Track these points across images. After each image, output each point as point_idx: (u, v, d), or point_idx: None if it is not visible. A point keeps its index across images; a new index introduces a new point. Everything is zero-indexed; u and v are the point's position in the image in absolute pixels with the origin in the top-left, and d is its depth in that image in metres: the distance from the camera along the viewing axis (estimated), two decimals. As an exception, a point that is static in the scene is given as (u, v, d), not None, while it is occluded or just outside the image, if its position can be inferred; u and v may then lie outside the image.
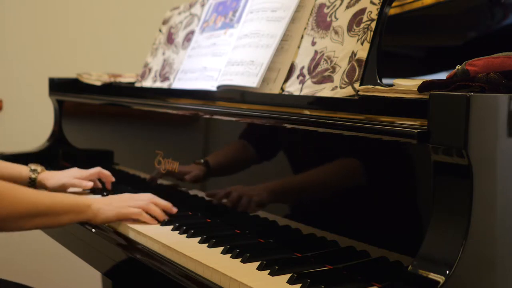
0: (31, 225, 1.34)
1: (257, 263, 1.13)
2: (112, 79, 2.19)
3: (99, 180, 1.81)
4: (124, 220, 1.45)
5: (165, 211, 1.49)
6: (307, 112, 1.26)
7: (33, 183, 1.75)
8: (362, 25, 1.28)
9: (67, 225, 1.42)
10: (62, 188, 1.74)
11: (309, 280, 1.02)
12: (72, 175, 1.76)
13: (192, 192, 1.58)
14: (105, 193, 1.73)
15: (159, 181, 1.72)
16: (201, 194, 1.54)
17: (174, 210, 1.51)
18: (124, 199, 1.49)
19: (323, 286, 1.00)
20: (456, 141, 0.91)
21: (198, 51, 1.81)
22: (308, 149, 1.28)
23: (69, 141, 2.29)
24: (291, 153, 1.32)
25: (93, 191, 1.77)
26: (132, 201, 1.48)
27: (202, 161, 1.53)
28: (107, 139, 2.09)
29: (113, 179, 1.80)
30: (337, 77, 1.29)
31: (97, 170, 1.79)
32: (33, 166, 1.78)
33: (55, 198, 1.39)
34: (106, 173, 1.80)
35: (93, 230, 1.48)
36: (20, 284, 1.55)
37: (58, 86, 2.34)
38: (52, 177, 1.76)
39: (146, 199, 1.49)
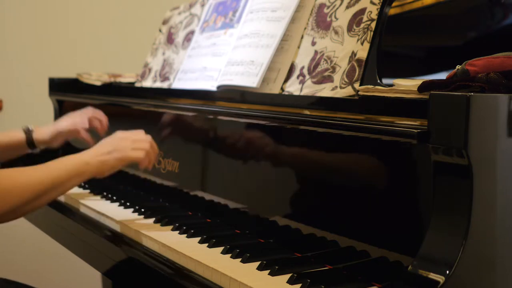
0: (41, 203, 1.31)
1: (257, 263, 1.13)
2: (112, 79, 2.19)
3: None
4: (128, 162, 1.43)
5: None
6: (307, 112, 1.26)
7: (31, 144, 1.78)
8: (362, 25, 1.28)
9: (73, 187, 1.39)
10: (59, 135, 1.79)
11: (309, 280, 1.02)
12: (66, 122, 1.80)
13: (192, 192, 1.58)
14: (109, 195, 1.72)
15: (160, 181, 1.72)
16: (201, 194, 1.54)
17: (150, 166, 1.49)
18: (121, 141, 1.42)
19: (323, 286, 1.00)
20: (456, 141, 0.91)
21: (198, 51, 1.81)
22: (308, 149, 1.28)
23: (69, 141, 2.29)
24: (291, 153, 1.32)
25: None
26: (130, 143, 1.42)
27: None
28: (107, 139, 2.09)
29: (106, 127, 1.82)
30: (337, 77, 1.29)
31: (89, 110, 1.83)
32: (23, 127, 1.80)
33: (53, 170, 1.34)
34: (99, 112, 1.82)
35: (94, 232, 1.48)
36: (20, 284, 1.55)
37: (58, 86, 2.34)
38: (48, 126, 1.80)
39: (147, 140, 1.45)
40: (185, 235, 1.34)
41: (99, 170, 1.38)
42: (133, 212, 1.55)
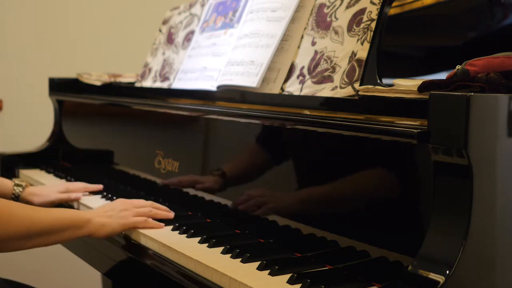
0: (31, 244, 1.28)
1: (257, 263, 1.13)
2: (112, 79, 2.19)
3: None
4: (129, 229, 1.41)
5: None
6: (307, 112, 1.26)
7: (16, 199, 1.68)
8: (362, 25, 1.28)
9: (65, 241, 1.36)
10: (50, 205, 1.68)
11: (309, 280, 1.02)
12: (58, 190, 1.70)
13: (192, 192, 1.58)
14: (109, 195, 1.71)
15: (160, 181, 1.72)
16: (201, 194, 1.54)
17: (172, 214, 1.46)
18: (124, 207, 1.42)
19: (323, 286, 1.00)
20: (456, 141, 0.91)
21: (198, 51, 1.81)
22: (307, 149, 1.28)
23: (69, 141, 2.29)
24: (291, 153, 1.32)
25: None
26: (133, 208, 1.42)
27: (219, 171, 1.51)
28: (107, 139, 2.09)
29: (101, 188, 1.77)
30: (337, 77, 1.29)
31: (83, 185, 1.76)
32: (17, 181, 1.71)
33: (54, 215, 1.31)
34: (93, 187, 1.76)
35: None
36: (20, 284, 1.55)
37: (58, 86, 2.34)
38: (40, 194, 1.69)
39: (147, 205, 1.45)
40: (185, 235, 1.34)
41: (98, 230, 1.35)
42: (133, 212, 1.55)
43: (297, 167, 1.30)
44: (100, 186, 1.77)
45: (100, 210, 1.41)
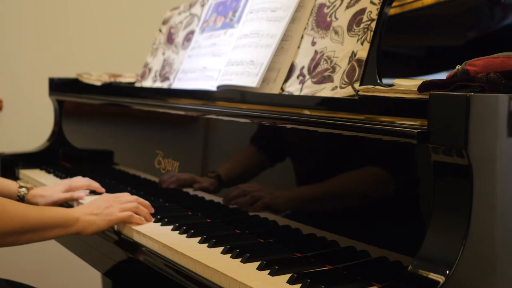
0: (22, 241, 1.31)
1: (257, 263, 1.13)
2: (112, 79, 2.19)
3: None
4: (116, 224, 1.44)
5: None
6: (307, 112, 1.26)
7: (21, 201, 1.70)
8: (362, 25, 1.28)
9: (54, 238, 1.39)
10: (53, 205, 1.69)
11: (309, 280, 1.02)
12: (60, 189, 1.72)
13: (192, 192, 1.58)
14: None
15: (160, 181, 1.72)
16: (201, 194, 1.54)
17: (152, 210, 1.49)
18: (109, 204, 1.45)
19: (323, 286, 1.00)
20: (456, 141, 0.91)
21: (198, 51, 1.81)
22: (307, 149, 1.28)
23: (69, 141, 2.29)
24: (290, 153, 1.32)
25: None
26: (118, 204, 1.44)
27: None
28: (107, 139, 2.09)
29: (104, 191, 1.77)
30: (337, 77, 1.29)
31: (86, 182, 1.76)
32: (22, 183, 1.74)
33: (44, 213, 1.35)
34: (95, 185, 1.77)
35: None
36: (20, 284, 1.55)
37: (58, 86, 2.34)
38: (44, 195, 1.71)
39: (132, 200, 1.47)
40: (185, 235, 1.34)
41: (85, 228, 1.39)
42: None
43: (297, 167, 1.30)
44: (103, 190, 1.78)
45: (86, 207, 1.44)
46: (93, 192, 1.77)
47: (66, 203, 1.72)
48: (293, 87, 1.40)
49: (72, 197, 1.71)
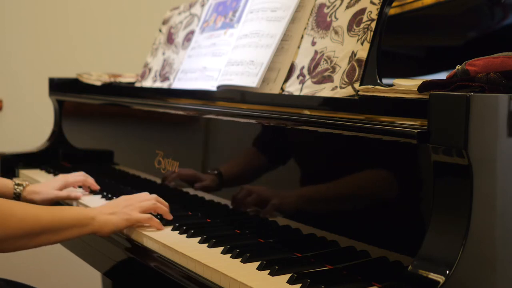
0: (35, 243, 1.28)
1: (257, 263, 1.13)
2: (112, 79, 2.19)
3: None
4: (133, 226, 1.40)
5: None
6: (307, 112, 1.26)
7: (17, 199, 1.68)
8: (362, 25, 1.28)
9: (71, 239, 1.35)
10: (51, 203, 1.68)
11: (309, 280, 1.02)
12: (55, 187, 1.70)
13: (192, 192, 1.58)
14: (108, 195, 1.71)
15: (160, 181, 1.72)
16: (201, 194, 1.54)
17: (170, 216, 1.45)
18: (128, 203, 1.41)
19: (323, 286, 1.00)
20: (456, 141, 0.91)
21: (198, 51, 1.81)
22: (307, 149, 1.28)
23: (69, 141, 2.29)
24: (290, 154, 1.32)
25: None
26: (137, 203, 1.41)
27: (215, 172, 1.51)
28: (107, 139, 2.09)
29: (98, 188, 1.76)
30: (337, 77, 1.29)
31: (81, 178, 1.75)
32: (17, 181, 1.71)
33: (57, 213, 1.31)
34: (91, 180, 1.76)
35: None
36: (20, 284, 1.55)
37: (58, 86, 2.34)
38: (40, 191, 1.68)
39: (151, 198, 1.44)
40: (185, 235, 1.34)
41: (102, 228, 1.35)
42: (133, 212, 1.55)
43: (297, 167, 1.30)
44: (97, 187, 1.77)
45: (104, 207, 1.41)
46: (92, 192, 1.77)
47: (64, 202, 1.72)
48: (293, 87, 1.40)
49: (69, 196, 1.70)
